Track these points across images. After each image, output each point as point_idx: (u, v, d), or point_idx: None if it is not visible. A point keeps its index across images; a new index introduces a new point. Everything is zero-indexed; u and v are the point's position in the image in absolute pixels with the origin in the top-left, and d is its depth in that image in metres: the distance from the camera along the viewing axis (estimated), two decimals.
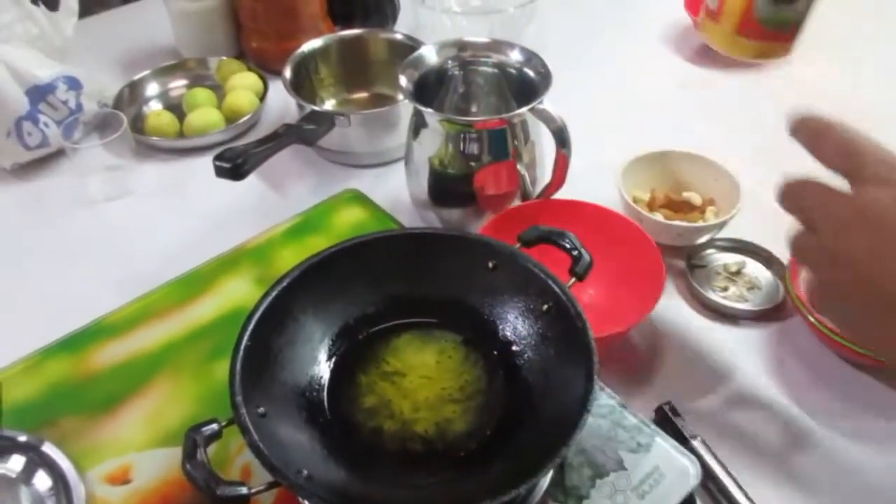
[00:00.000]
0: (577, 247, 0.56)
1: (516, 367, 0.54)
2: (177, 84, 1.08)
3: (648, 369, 0.71)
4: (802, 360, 0.71)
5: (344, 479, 0.46)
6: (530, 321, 0.55)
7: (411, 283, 0.58)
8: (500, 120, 0.73)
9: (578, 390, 0.47)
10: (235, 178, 0.72)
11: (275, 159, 0.93)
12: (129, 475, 0.54)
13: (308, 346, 0.54)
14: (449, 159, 0.77)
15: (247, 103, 0.99)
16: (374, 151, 0.93)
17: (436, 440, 0.51)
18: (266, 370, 0.50)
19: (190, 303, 0.67)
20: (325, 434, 0.50)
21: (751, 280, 0.79)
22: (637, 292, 0.70)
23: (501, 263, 0.56)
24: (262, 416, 0.47)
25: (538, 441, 0.47)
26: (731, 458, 0.62)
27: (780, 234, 0.79)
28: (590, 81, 1.04)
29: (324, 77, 1.02)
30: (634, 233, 0.74)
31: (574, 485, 0.53)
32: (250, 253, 0.71)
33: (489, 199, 0.79)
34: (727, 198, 0.81)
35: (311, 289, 0.55)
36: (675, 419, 0.64)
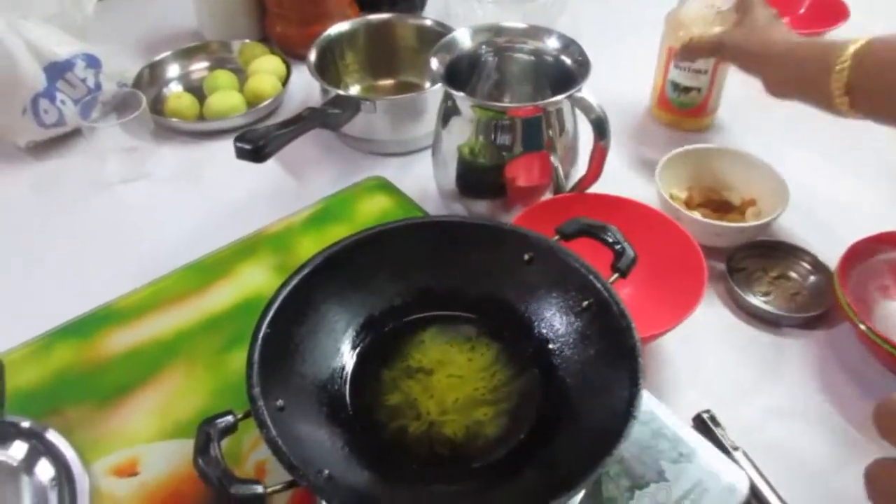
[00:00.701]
0: (621, 241, 0.52)
1: (552, 368, 0.50)
2: (198, 67, 1.05)
3: (685, 375, 0.67)
4: (850, 371, 0.67)
5: (366, 481, 0.43)
6: (568, 319, 0.51)
7: (441, 274, 0.54)
8: (536, 107, 0.70)
9: (622, 395, 0.43)
10: (257, 160, 0.69)
11: (296, 145, 0.90)
12: (136, 468, 0.51)
13: (330, 337, 0.51)
14: (479, 148, 0.74)
15: (269, 87, 0.96)
16: (399, 140, 0.90)
17: (465, 444, 0.47)
18: (285, 361, 0.47)
19: (204, 289, 0.63)
20: (346, 432, 0.46)
21: (794, 285, 0.74)
22: (676, 294, 0.66)
23: (538, 256, 0.53)
24: (281, 410, 0.44)
25: (576, 449, 0.44)
26: (773, 474, 0.58)
27: (826, 238, 0.75)
28: (623, 75, 1.00)
29: (349, 63, 0.99)
30: (674, 232, 0.70)
31: (611, 496, 0.49)
32: (269, 240, 0.68)
33: (520, 192, 0.75)
34: (771, 198, 0.77)
35: (334, 277, 0.52)
36: (714, 429, 0.60)
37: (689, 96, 0.90)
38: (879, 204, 0.84)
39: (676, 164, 0.79)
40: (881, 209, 0.83)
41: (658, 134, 0.95)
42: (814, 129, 0.95)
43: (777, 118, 0.98)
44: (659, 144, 0.94)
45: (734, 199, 0.79)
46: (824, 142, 0.94)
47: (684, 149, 0.81)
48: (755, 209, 0.78)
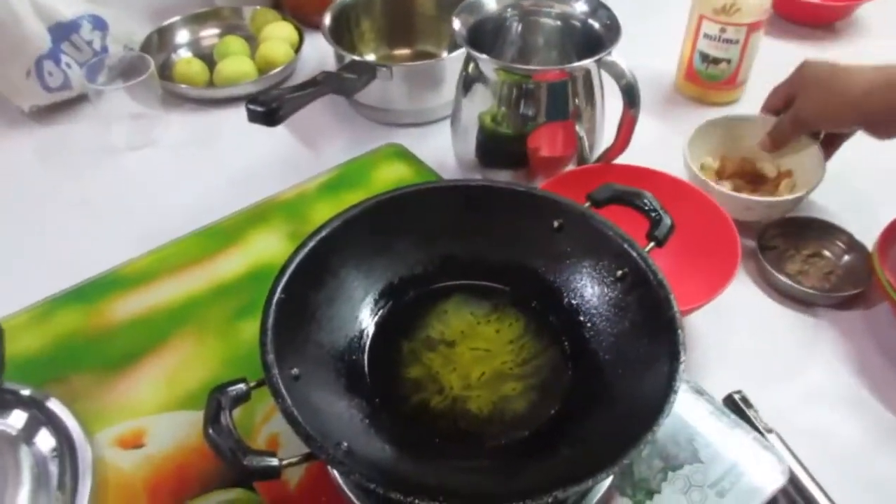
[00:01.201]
0: (657, 208, 0.49)
1: (584, 340, 0.47)
2: (208, 33, 1.02)
3: (714, 356, 0.64)
4: (888, 354, 0.64)
5: (388, 455, 0.40)
6: (601, 289, 0.48)
7: (465, 241, 0.51)
8: (562, 71, 0.66)
9: (661, 369, 0.40)
10: (269, 123, 0.66)
11: (309, 114, 0.87)
12: (142, 439, 0.49)
13: (348, 305, 0.48)
14: (502, 116, 0.70)
15: (281, 54, 0.92)
16: (415, 109, 0.86)
17: (492, 420, 0.44)
18: (301, 329, 0.44)
19: (215, 256, 0.61)
20: (366, 404, 0.43)
21: (829, 264, 0.71)
22: (707, 270, 0.63)
23: (569, 223, 0.50)
24: (296, 379, 0.41)
25: (612, 426, 0.41)
26: (807, 459, 0.55)
27: (862, 215, 0.72)
28: (646, 48, 0.96)
29: (365, 31, 0.95)
30: (707, 206, 0.67)
31: (643, 477, 0.46)
32: (281, 206, 0.65)
33: (543, 162, 0.72)
34: (807, 172, 0.73)
35: (352, 242, 0.49)
36: (747, 410, 0.57)
37: (719, 68, 0.86)
38: None
39: (709, 133, 0.76)
40: None
41: (684, 108, 0.92)
42: None
43: None
44: (685, 119, 0.90)
45: (769, 170, 0.76)
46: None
47: (718, 117, 0.77)
48: (790, 181, 0.75)
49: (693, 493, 0.45)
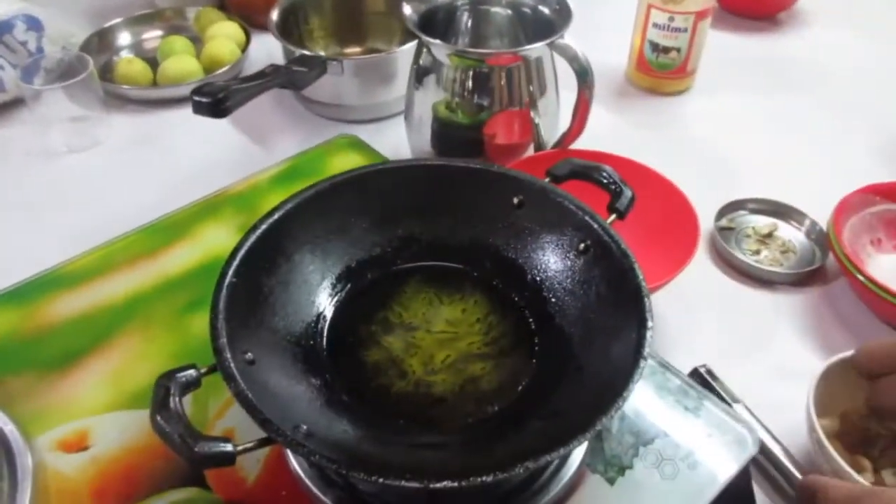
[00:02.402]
0: (617, 181, 0.49)
1: (550, 315, 0.46)
2: (151, 35, 0.99)
3: (678, 336, 0.64)
4: (847, 327, 0.65)
5: (350, 437, 0.38)
6: (565, 263, 0.47)
7: (424, 221, 0.50)
8: (515, 55, 0.66)
9: (629, 337, 0.39)
10: (216, 114, 0.64)
11: (260, 112, 0.86)
12: (86, 441, 0.46)
13: (304, 289, 0.46)
14: (456, 104, 0.70)
15: (227, 52, 0.90)
16: (368, 104, 0.85)
17: (459, 401, 0.43)
18: (254, 313, 0.42)
19: (162, 251, 0.58)
20: (326, 388, 0.41)
21: (784, 243, 0.72)
22: (668, 250, 0.62)
23: (529, 199, 0.49)
24: (251, 364, 0.39)
25: (582, 397, 0.40)
26: (773, 429, 0.55)
27: (815, 196, 0.73)
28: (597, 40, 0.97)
29: (314, 28, 0.94)
30: (666, 188, 0.66)
31: (615, 454, 0.45)
32: (232, 199, 0.63)
33: (500, 150, 0.71)
34: None
35: (307, 225, 0.47)
36: (713, 383, 0.57)
37: (669, 57, 0.87)
38: (867, 159, 0.83)
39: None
40: (869, 164, 0.82)
41: (637, 99, 0.92)
42: (797, 89, 0.94)
43: (757, 79, 0.96)
44: (639, 109, 0.91)
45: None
46: (806, 100, 0.92)
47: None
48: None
49: (665, 467, 0.44)
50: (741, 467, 0.45)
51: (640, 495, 0.43)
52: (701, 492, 0.43)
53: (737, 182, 0.79)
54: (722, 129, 0.87)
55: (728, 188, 0.77)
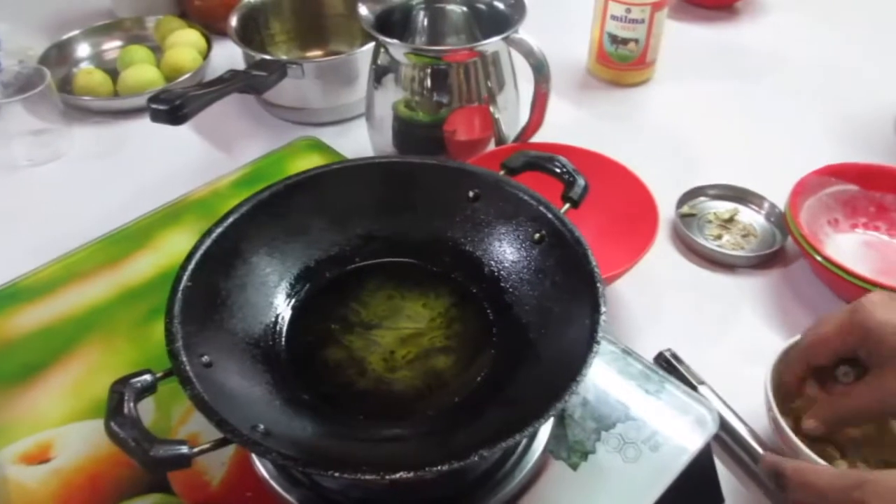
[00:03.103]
0: (570, 170, 0.49)
1: (508, 306, 0.46)
2: (111, 45, 0.99)
3: (644, 322, 0.65)
4: (808, 306, 0.66)
5: (310, 434, 0.38)
6: (521, 254, 0.47)
7: (382, 218, 0.50)
8: (472, 51, 0.66)
9: (583, 322, 0.40)
10: (174, 121, 0.64)
11: (223, 117, 0.85)
12: (49, 453, 0.45)
13: (262, 290, 0.46)
14: (416, 103, 0.70)
15: (189, 60, 0.90)
16: (331, 107, 0.85)
17: (419, 396, 0.43)
18: (211, 317, 0.42)
19: (123, 260, 0.58)
20: (285, 388, 0.41)
21: (745, 227, 0.73)
22: (630, 239, 0.63)
23: (484, 192, 0.49)
24: (208, 367, 0.39)
25: (539, 384, 0.40)
26: (738, 408, 0.56)
27: (774, 179, 0.74)
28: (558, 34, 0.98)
29: (275, 32, 0.94)
30: (626, 178, 0.67)
31: (577, 439, 0.46)
32: (193, 205, 0.62)
33: (461, 146, 0.72)
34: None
35: (264, 226, 0.47)
36: (678, 365, 0.57)
37: (628, 48, 0.88)
38: (824, 141, 0.84)
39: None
40: (825, 146, 0.83)
41: (599, 91, 0.93)
42: (755, 76, 0.96)
43: (717, 67, 0.98)
44: (601, 101, 0.92)
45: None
46: (764, 86, 0.94)
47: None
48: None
49: (627, 450, 0.45)
50: (702, 447, 0.46)
51: (602, 479, 0.44)
52: (663, 473, 0.44)
53: (698, 169, 0.80)
54: (683, 117, 0.88)
55: (690, 175, 0.78)
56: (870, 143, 0.83)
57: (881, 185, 0.70)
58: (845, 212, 0.71)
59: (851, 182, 0.70)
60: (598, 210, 0.67)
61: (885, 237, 0.70)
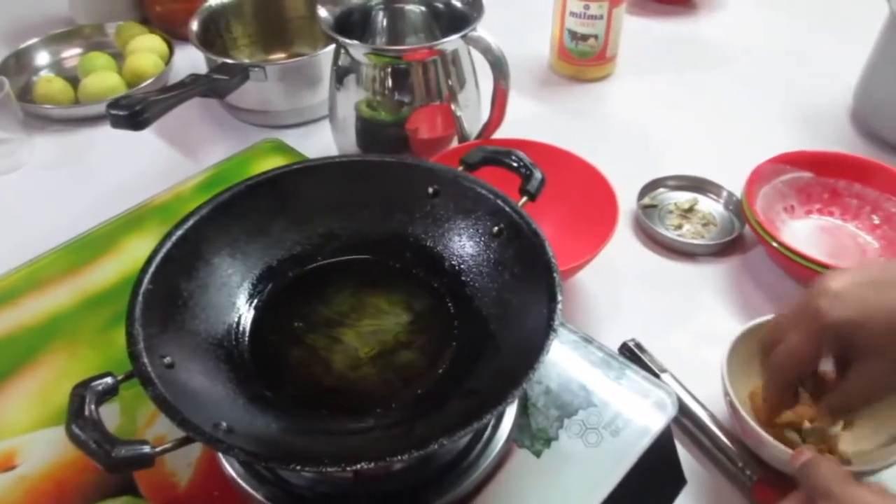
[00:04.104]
0: (527, 164, 0.50)
1: (468, 299, 0.47)
2: (71, 53, 0.98)
3: (607, 312, 0.66)
4: (765, 292, 0.67)
5: (273, 430, 0.39)
6: (480, 247, 0.48)
7: (343, 217, 0.51)
8: (431, 50, 0.67)
9: (541, 312, 0.41)
10: (134, 127, 0.63)
11: (186, 121, 0.85)
12: (14, 461, 0.45)
13: (224, 291, 0.46)
14: (377, 103, 0.71)
15: (150, 65, 0.90)
16: (294, 109, 0.85)
17: (383, 390, 0.43)
18: (173, 318, 0.42)
19: (86, 267, 0.58)
20: (249, 387, 0.42)
21: (705, 216, 0.75)
22: (591, 231, 0.64)
23: (444, 188, 0.50)
24: (170, 367, 0.39)
25: (498, 374, 0.41)
26: (701, 393, 0.57)
27: (732, 168, 0.76)
28: (520, 31, 0.99)
29: (237, 36, 0.93)
30: (587, 171, 0.68)
31: (540, 427, 0.47)
32: (156, 210, 0.62)
33: (424, 144, 0.73)
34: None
35: (225, 227, 0.47)
36: (641, 355, 0.59)
37: (588, 44, 0.89)
38: (780, 130, 0.86)
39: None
40: (781, 135, 0.85)
41: (561, 87, 0.95)
42: (713, 68, 0.98)
43: (676, 61, 0.99)
44: (564, 97, 0.93)
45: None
46: (721, 78, 0.96)
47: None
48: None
49: (589, 436, 0.46)
50: (662, 429, 0.47)
51: (565, 465, 0.45)
52: (624, 456, 0.45)
53: (659, 161, 0.81)
54: (643, 110, 0.90)
55: (651, 167, 0.79)
56: (824, 131, 0.86)
57: (834, 171, 0.72)
58: (800, 198, 0.73)
59: (805, 169, 0.72)
60: (560, 203, 0.68)
61: (839, 221, 0.72)
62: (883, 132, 0.82)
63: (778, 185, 0.72)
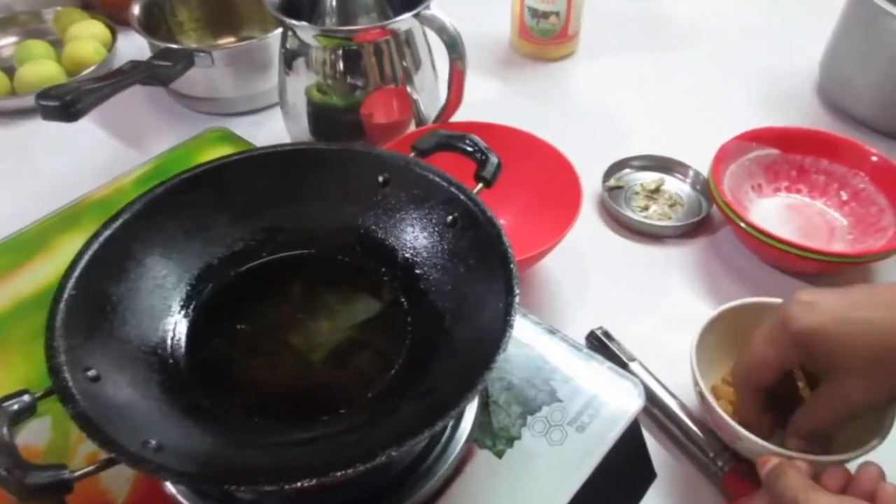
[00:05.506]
0: (482, 149, 0.47)
1: (422, 293, 0.44)
2: (6, 41, 0.93)
3: (574, 299, 0.64)
4: (735, 273, 0.66)
5: (209, 445, 0.36)
6: (434, 238, 0.45)
7: (289, 209, 0.47)
8: (383, 29, 0.64)
9: (497, 306, 0.38)
10: (66, 118, 0.60)
11: (131, 111, 0.82)
12: None
13: (158, 294, 0.43)
14: (328, 87, 0.67)
15: (91, 53, 0.85)
16: (245, 96, 0.81)
17: (333, 392, 0.41)
18: (101, 326, 0.39)
19: (17, 270, 0.54)
20: (186, 397, 0.39)
21: (671, 196, 0.73)
22: (554, 216, 0.62)
23: (394, 176, 0.47)
24: (95, 381, 0.36)
25: (454, 373, 0.38)
26: (674, 383, 0.55)
27: (698, 147, 0.74)
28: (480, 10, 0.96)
29: (183, 20, 0.89)
30: (550, 154, 0.66)
31: (503, 426, 0.44)
32: (93, 206, 0.59)
33: (380, 129, 0.69)
34: None
35: (159, 225, 0.44)
36: (609, 343, 0.57)
37: (549, 21, 0.87)
38: (746, 107, 0.85)
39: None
40: (747, 112, 0.83)
41: (523, 67, 0.92)
42: (677, 46, 0.96)
43: (639, 39, 0.97)
44: (526, 77, 0.90)
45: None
46: (686, 56, 0.94)
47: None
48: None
49: (553, 433, 0.44)
50: (628, 424, 0.45)
51: (529, 465, 0.42)
52: (590, 453, 0.43)
53: (625, 141, 0.79)
54: (607, 90, 0.87)
55: (617, 148, 0.77)
56: (792, 107, 0.84)
57: (800, 147, 0.70)
58: (767, 176, 0.71)
59: (772, 146, 0.70)
60: (522, 189, 0.66)
61: (807, 199, 0.70)
62: (849, 106, 0.81)
63: (745, 163, 0.70)
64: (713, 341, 0.53)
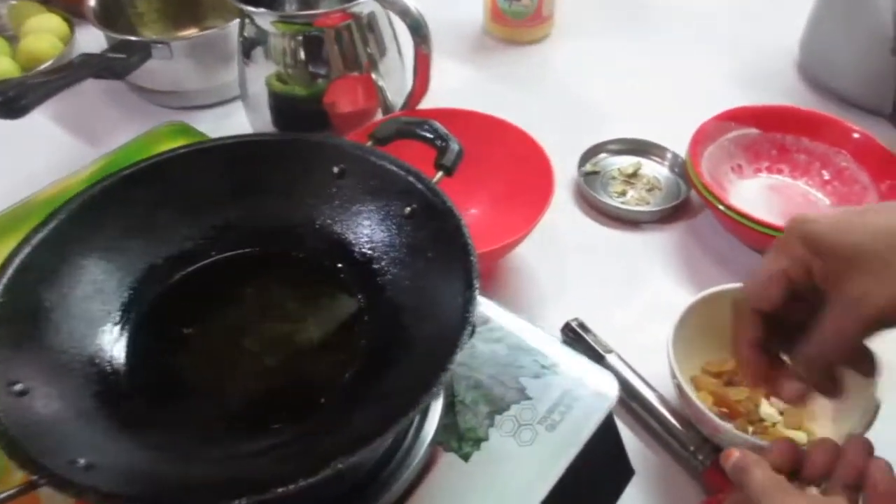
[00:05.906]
0: (442, 135, 0.45)
1: (380, 289, 0.42)
2: None
3: (551, 289, 0.62)
4: (714, 257, 0.64)
5: (147, 461, 0.33)
6: (392, 231, 0.43)
7: (240, 205, 0.45)
8: (344, 13, 0.61)
9: (456, 303, 0.36)
10: (9, 115, 0.57)
11: (89, 106, 0.79)
12: None
13: (96, 299, 0.40)
14: (289, 76, 0.64)
15: (48, 47, 0.82)
16: (207, 88, 0.78)
17: (284, 397, 0.38)
18: (32, 335, 0.37)
19: None
20: (125, 410, 0.36)
21: (649, 181, 0.70)
22: (527, 204, 0.60)
23: (350, 167, 0.44)
24: (22, 395, 0.33)
25: (410, 375, 0.36)
26: (653, 374, 0.53)
27: (677, 129, 0.71)
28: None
29: (143, 11, 0.86)
30: (521, 140, 0.63)
31: (469, 427, 0.42)
32: (41, 207, 0.56)
33: (345, 119, 0.67)
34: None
35: (97, 225, 0.41)
36: (585, 335, 0.54)
37: (522, 4, 0.84)
38: (724, 88, 0.82)
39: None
40: (726, 93, 0.81)
41: (496, 51, 0.89)
42: (653, 27, 0.93)
43: (614, 20, 0.95)
44: (499, 61, 0.88)
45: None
46: (662, 37, 0.91)
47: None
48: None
49: (523, 433, 0.42)
50: (601, 421, 0.43)
51: (497, 468, 0.40)
52: (561, 454, 0.41)
53: (601, 126, 0.77)
54: (583, 73, 0.85)
55: (593, 133, 0.75)
56: (772, 86, 0.82)
57: (781, 126, 0.68)
58: (748, 157, 0.69)
59: (751, 125, 0.68)
60: (494, 177, 0.63)
61: (789, 179, 0.68)
62: (830, 82, 0.79)
63: (724, 143, 0.68)
64: (692, 330, 0.51)
